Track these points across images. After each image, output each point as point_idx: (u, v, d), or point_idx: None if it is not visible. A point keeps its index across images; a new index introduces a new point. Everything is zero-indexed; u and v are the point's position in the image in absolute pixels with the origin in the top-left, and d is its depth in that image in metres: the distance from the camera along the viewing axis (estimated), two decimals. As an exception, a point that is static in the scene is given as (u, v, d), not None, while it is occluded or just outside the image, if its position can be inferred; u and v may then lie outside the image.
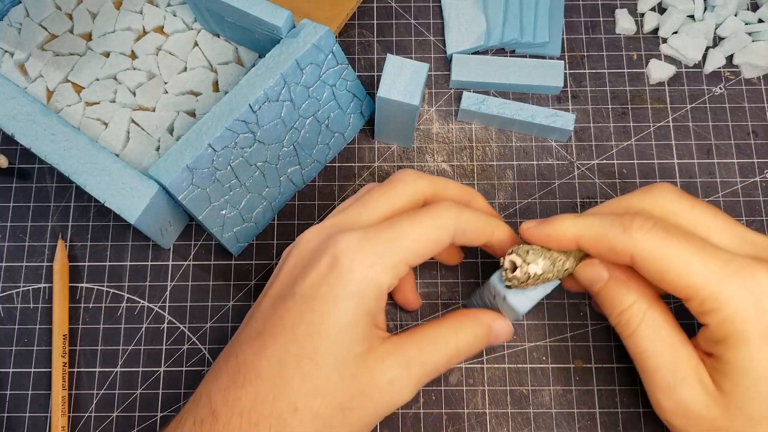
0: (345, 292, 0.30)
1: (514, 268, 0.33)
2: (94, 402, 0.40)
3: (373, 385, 0.31)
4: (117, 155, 0.41)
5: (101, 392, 0.40)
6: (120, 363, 0.41)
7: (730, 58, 0.46)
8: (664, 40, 0.47)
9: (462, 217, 0.33)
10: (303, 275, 0.32)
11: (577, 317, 0.41)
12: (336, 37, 0.45)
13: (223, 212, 0.39)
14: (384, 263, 0.31)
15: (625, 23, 0.46)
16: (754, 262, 0.30)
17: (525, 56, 0.46)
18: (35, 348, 0.41)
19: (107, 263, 0.42)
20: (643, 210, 0.33)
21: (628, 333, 0.32)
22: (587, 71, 0.46)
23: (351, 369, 0.30)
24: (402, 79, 0.38)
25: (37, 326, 0.41)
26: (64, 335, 0.40)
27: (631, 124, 0.45)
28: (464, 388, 0.40)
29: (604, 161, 0.44)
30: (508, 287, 0.34)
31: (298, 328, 0.31)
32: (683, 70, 0.46)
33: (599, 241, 0.32)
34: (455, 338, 0.33)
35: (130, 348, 0.41)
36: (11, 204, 0.43)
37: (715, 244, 0.31)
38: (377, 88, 0.38)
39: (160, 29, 0.45)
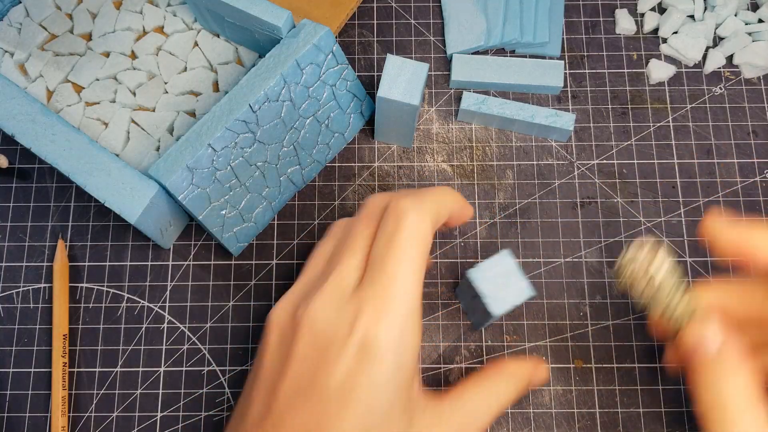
0: (386, 376, 0.28)
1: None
2: (94, 402, 0.40)
3: None
4: (117, 155, 0.41)
5: (101, 392, 0.40)
6: (120, 363, 0.41)
7: (730, 58, 0.46)
8: (664, 40, 0.47)
9: (427, 216, 0.31)
10: (328, 363, 0.29)
11: (577, 317, 0.41)
12: (336, 37, 0.45)
13: (223, 212, 0.39)
14: (411, 327, 0.29)
15: (625, 23, 0.47)
16: None
17: (525, 56, 0.46)
18: (35, 348, 0.41)
19: (107, 263, 0.42)
20: None
21: (713, 417, 0.26)
22: (587, 71, 0.46)
23: None
24: (402, 79, 0.38)
25: (37, 326, 0.41)
26: (64, 335, 0.40)
27: (631, 124, 0.45)
28: (464, 388, 0.40)
29: (604, 161, 0.44)
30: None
31: (345, 423, 0.28)
32: (683, 70, 0.46)
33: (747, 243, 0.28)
34: (497, 399, 0.31)
35: (130, 348, 0.41)
36: (11, 204, 0.43)
37: None
38: (377, 88, 0.38)
39: (160, 29, 0.45)
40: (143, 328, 0.41)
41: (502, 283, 0.34)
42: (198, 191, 0.37)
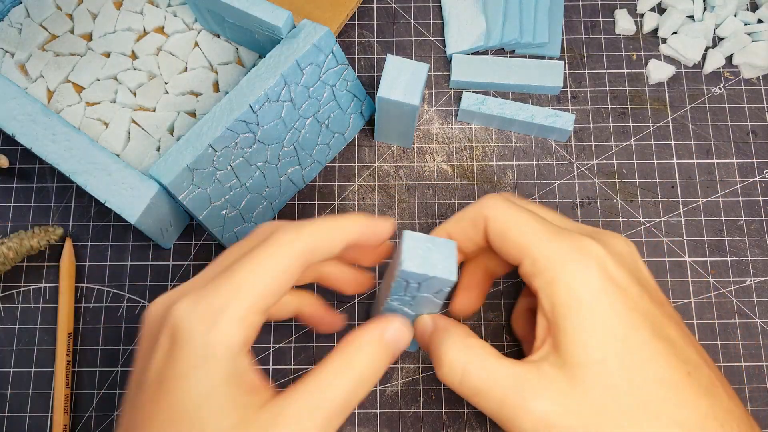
0: (190, 365, 0.26)
1: None
2: (95, 402, 0.40)
3: None
4: (117, 155, 0.41)
5: (102, 392, 0.40)
6: (120, 363, 0.41)
7: (729, 58, 0.46)
8: (664, 41, 0.47)
9: (302, 236, 0.29)
10: (150, 358, 0.28)
11: (576, 317, 0.41)
12: (336, 38, 0.45)
13: (224, 212, 0.39)
14: (228, 319, 0.27)
15: (624, 23, 0.47)
16: (582, 234, 0.31)
17: (525, 56, 0.46)
18: (36, 348, 0.41)
19: (108, 263, 0.42)
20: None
21: (456, 379, 0.30)
22: (587, 71, 0.46)
23: None
24: (402, 79, 0.38)
25: (38, 326, 0.41)
26: (69, 333, 0.40)
27: (631, 124, 0.45)
28: (464, 387, 0.40)
29: (604, 161, 0.44)
30: None
31: (155, 421, 0.27)
32: (683, 70, 0.46)
33: (461, 224, 0.33)
34: (349, 371, 0.28)
35: (131, 348, 0.41)
36: (12, 204, 0.44)
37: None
38: (377, 88, 0.38)
39: (160, 29, 0.45)
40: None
41: (430, 255, 0.30)
42: (198, 191, 0.37)
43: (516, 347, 0.41)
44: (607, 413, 0.27)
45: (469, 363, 0.30)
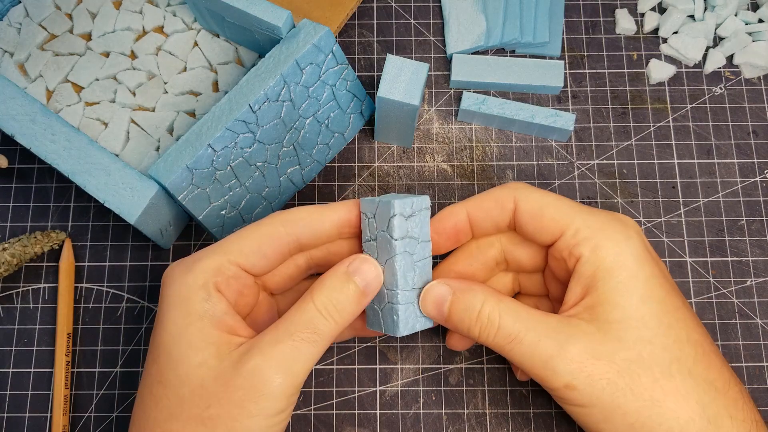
0: (169, 305, 0.30)
1: None
2: (94, 402, 0.40)
3: (231, 385, 0.28)
4: (117, 155, 0.41)
5: (101, 392, 0.40)
6: (120, 363, 0.41)
7: (730, 58, 0.46)
8: (665, 40, 0.47)
9: (291, 211, 0.33)
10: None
11: (577, 317, 0.41)
12: (336, 37, 0.45)
13: (223, 212, 0.39)
14: (203, 266, 0.31)
15: (625, 23, 0.46)
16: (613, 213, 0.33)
17: (525, 56, 0.46)
18: (35, 348, 0.41)
19: (107, 263, 0.42)
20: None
21: (494, 330, 0.31)
22: (587, 71, 0.46)
23: (197, 379, 0.29)
24: (402, 79, 0.38)
25: (37, 326, 0.41)
26: (68, 334, 0.40)
27: (632, 124, 0.45)
28: (464, 388, 0.40)
29: (604, 161, 0.44)
30: None
31: (148, 357, 0.31)
32: (683, 70, 0.46)
33: (485, 204, 0.34)
34: (311, 302, 0.30)
35: (130, 348, 0.41)
36: (11, 204, 0.43)
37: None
38: (377, 88, 0.38)
39: (159, 29, 0.45)
40: (143, 329, 0.41)
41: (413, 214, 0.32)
42: (198, 191, 0.37)
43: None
44: (641, 363, 0.30)
45: (505, 312, 0.31)
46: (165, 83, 0.43)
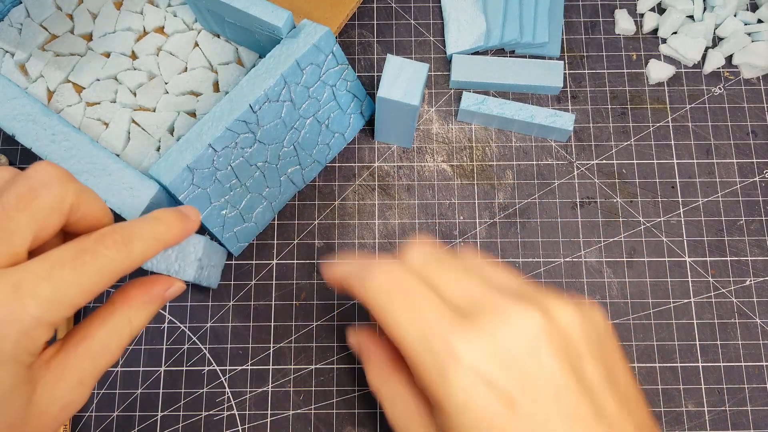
0: None
1: None
2: (95, 401, 0.40)
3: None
4: (117, 155, 0.41)
5: (101, 392, 0.40)
6: (120, 363, 0.41)
7: (729, 58, 0.46)
8: (664, 41, 0.47)
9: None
10: None
11: (576, 317, 0.41)
12: (336, 38, 0.45)
13: (224, 212, 0.39)
14: None
15: (624, 23, 0.47)
16: (449, 328, 0.26)
17: (525, 56, 0.46)
18: (36, 348, 0.41)
19: (108, 263, 0.42)
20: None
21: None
22: (587, 71, 0.46)
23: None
24: (402, 80, 0.38)
25: (38, 326, 0.41)
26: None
27: (631, 124, 0.45)
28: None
29: (604, 161, 0.44)
30: None
31: None
32: (683, 70, 0.46)
33: (349, 283, 0.29)
34: (120, 332, 0.27)
35: (131, 347, 0.41)
36: (12, 204, 0.43)
37: (445, 299, 0.27)
38: (377, 88, 0.38)
39: (160, 29, 0.45)
40: (143, 328, 0.41)
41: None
42: (198, 191, 0.37)
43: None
44: None
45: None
46: (166, 83, 0.43)
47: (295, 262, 0.42)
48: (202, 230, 0.38)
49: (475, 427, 0.25)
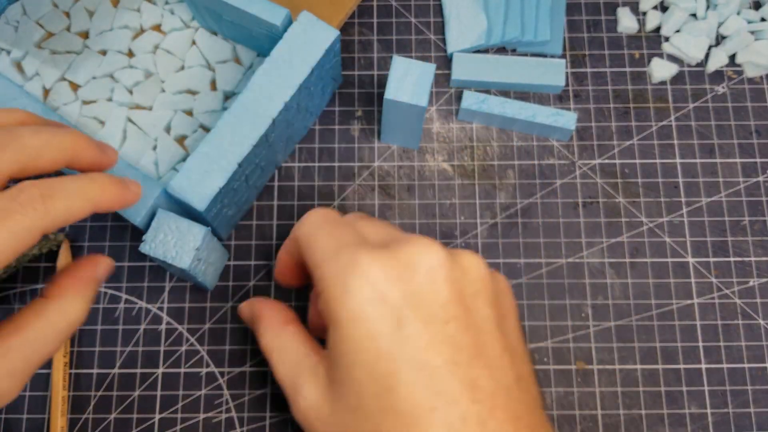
0: None
1: None
2: (92, 404, 0.40)
3: None
4: (115, 155, 0.41)
5: (99, 394, 0.40)
6: (118, 364, 0.40)
7: (732, 57, 0.46)
8: (667, 39, 0.46)
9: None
10: None
11: (578, 318, 0.41)
12: (336, 36, 0.45)
13: (228, 212, 0.39)
14: None
15: (627, 22, 0.46)
16: (360, 246, 0.28)
17: (526, 55, 0.46)
18: (32, 349, 0.41)
19: (105, 264, 0.42)
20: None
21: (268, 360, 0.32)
22: (589, 70, 0.46)
23: None
24: (409, 81, 0.38)
25: (34, 327, 0.41)
26: (62, 336, 0.40)
27: (633, 124, 0.45)
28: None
29: (606, 161, 0.44)
30: None
31: None
32: (686, 69, 0.46)
33: (288, 242, 0.34)
34: (39, 345, 0.27)
35: (128, 349, 0.41)
36: (8, 204, 0.43)
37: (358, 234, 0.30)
38: (377, 86, 0.38)
39: (157, 27, 0.44)
40: (141, 329, 0.41)
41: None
42: (219, 205, 0.37)
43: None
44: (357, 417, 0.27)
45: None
46: (162, 82, 0.43)
47: (294, 262, 0.42)
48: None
49: (362, 339, 0.27)
